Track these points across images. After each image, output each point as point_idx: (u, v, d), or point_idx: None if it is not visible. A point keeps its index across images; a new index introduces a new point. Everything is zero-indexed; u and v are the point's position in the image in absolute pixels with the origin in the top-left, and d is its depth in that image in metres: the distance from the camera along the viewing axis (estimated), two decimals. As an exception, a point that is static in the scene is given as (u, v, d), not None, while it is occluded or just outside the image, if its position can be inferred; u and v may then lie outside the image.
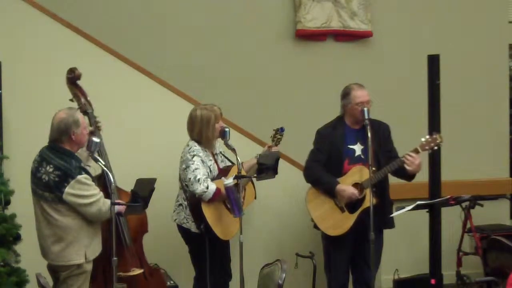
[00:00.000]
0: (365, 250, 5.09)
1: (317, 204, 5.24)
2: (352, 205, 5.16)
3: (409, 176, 5.18)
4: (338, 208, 5.19)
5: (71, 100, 4.79)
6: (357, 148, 5.21)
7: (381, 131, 5.24)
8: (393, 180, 5.40)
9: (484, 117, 6.97)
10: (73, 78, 4.81)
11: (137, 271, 4.67)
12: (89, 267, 4.40)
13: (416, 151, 5.07)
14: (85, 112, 4.74)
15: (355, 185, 5.14)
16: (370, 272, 5.08)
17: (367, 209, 4.99)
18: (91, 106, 4.81)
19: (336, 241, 5.21)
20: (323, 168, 5.20)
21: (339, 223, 5.17)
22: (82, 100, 4.79)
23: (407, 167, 5.04)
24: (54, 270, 4.41)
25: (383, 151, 5.17)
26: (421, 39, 6.71)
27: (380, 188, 5.14)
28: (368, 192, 5.04)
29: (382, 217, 5.13)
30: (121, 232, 4.69)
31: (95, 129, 4.72)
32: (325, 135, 5.27)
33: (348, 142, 5.21)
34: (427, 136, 5.18)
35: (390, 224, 5.30)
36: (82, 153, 4.55)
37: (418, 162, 5.05)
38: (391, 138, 5.33)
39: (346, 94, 5.22)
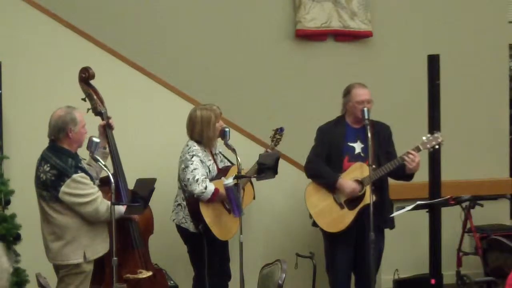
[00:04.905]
0: (366, 250, 5.09)
1: (315, 201, 5.25)
2: (351, 201, 5.16)
3: (407, 176, 5.19)
4: (337, 204, 5.19)
5: (83, 99, 4.71)
6: (357, 146, 5.22)
7: (382, 132, 5.25)
8: (393, 180, 5.40)
9: (484, 117, 6.96)
10: (86, 77, 4.73)
11: (146, 274, 4.64)
12: (88, 267, 4.38)
13: (417, 149, 5.08)
14: (98, 113, 4.68)
15: (355, 182, 5.15)
16: (370, 272, 5.07)
17: (367, 207, 5.00)
18: (104, 106, 4.73)
19: (337, 241, 5.21)
20: (324, 163, 5.21)
21: (338, 219, 5.18)
22: (95, 100, 4.71)
23: (407, 165, 5.05)
24: (55, 268, 4.43)
25: (383, 151, 5.17)
26: (421, 39, 6.70)
27: (380, 187, 5.15)
28: (368, 189, 5.05)
29: (382, 216, 5.13)
30: (132, 234, 4.67)
31: (108, 129, 4.67)
32: (325, 132, 5.30)
33: (348, 140, 5.23)
34: (428, 135, 5.19)
35: (390, 223, 5.30)
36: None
37: (418, 160, 5.06)
38: (392, 140, 5.33)
39: (347, 92, 5.24)
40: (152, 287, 4.77)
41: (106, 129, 4.65)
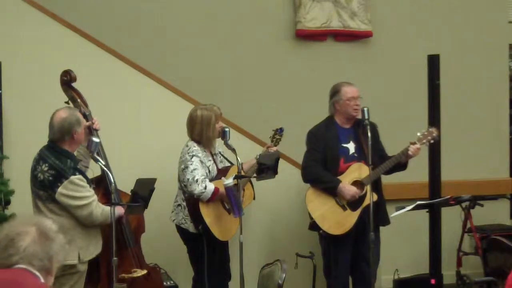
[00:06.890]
0: (365, 249, 5.10)
1: (317, 204, 5.23)
2: (353, 202, 5.16)
3: (404, 166, 5.23)
4: (340, 206, 5.19)
5: (67, 102, 4.71)
6: (351, 147, 5.24)
7: (372, 130, 5.25)
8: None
9: (484, 117, 6.96)
10: (68, 80, 4.73)
11: (140, 272, 4.65)
12: (83, 268, 4.37)
13: (413, 144, 5.12)
14: (82, 115, 4.65)
15: (355, 182, 5.16)
16: (370, 271, 5.08)
17: (367, 206, 5.00)
18: (88, 108, 4.74)
19: (337, 241, 5.20)
20: (322, 167, 5.21)
21: (341, 221, 5.17)
22: (79, 102, 4.71)
23: (412, 154, 5.09)
24: None
25: (375, 149, 5.18)
26: (421, 39, 6.70)
27: (376, 186, 5.16)
28: (369, 189, 5.05)
29: (379, 214, 5.14)
30: (125, 234, 4.67)
31: (93, 130, 4.67)
32: (319, 135, 5.28)
33: (342, 141, 5.24)
34: (423, 130, 5.23)
35: (386, 221, 5.31)
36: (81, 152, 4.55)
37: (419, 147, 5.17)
38: (379, 137, 5.36)
39: (336, 91, 5.26)
40: (148, 285, 4.78)
41: (92, 131, 4.64)
